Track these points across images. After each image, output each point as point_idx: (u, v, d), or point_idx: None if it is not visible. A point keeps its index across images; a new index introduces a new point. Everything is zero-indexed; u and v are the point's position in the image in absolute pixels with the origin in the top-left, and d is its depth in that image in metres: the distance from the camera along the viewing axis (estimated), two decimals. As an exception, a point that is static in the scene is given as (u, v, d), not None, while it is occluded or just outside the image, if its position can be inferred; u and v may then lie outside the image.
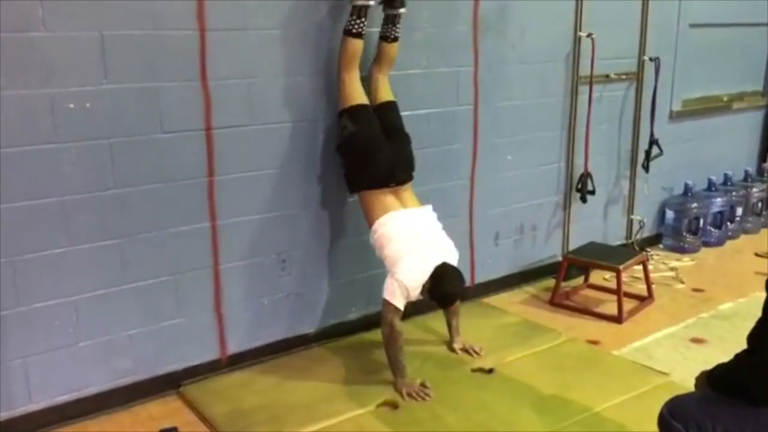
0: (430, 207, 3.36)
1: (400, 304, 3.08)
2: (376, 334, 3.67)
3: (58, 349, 2.88)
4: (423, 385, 3.13)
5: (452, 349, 3.49)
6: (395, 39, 3.38)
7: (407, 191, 3.34)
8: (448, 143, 3.89)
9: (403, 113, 3.55)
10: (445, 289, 3.11)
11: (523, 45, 4.08)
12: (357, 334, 3.70)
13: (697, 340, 3.74)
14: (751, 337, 1.98)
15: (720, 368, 2.05)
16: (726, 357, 3.54)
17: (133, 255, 2.99)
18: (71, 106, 2.73)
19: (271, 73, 3.20)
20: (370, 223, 3.27)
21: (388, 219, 3.21)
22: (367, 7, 3.23)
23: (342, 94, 3.30)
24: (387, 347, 3.15)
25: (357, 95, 3.28)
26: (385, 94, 3.40)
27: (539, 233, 4.51)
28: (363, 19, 3.23)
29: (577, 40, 4.32)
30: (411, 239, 3.14)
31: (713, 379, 2.05)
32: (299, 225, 3.44)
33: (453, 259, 3.19)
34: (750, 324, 3.93)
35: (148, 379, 3.13)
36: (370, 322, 3.74)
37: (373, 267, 3.73)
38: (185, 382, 3.21)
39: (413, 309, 3.89)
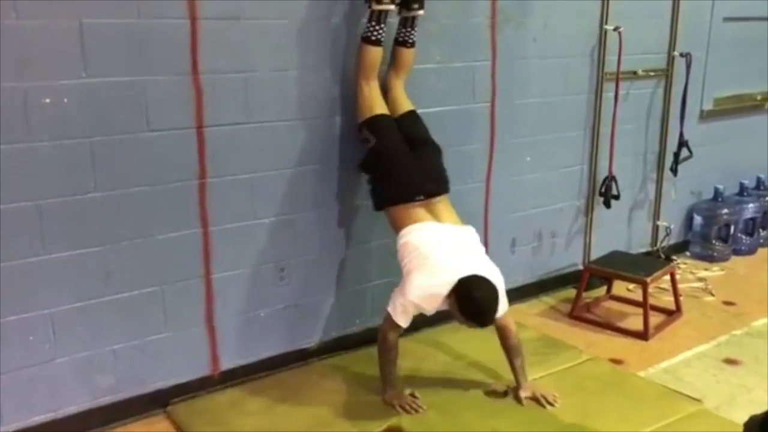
0: (471, 229, 3.05)
1: (402, 321, 2.84)
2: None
3: (32, 366, 2.64)
4: (413, 395, 2.96)
5: (517, 399, 2.97)
6: (413, 44, 3.15)
7: (443, 205, 3.04)
8: (463, 143, 3.62)
9: (414, 111, 3.30)
10: (472, 299, 2.68)
11: (544, 38, 3.79)
12: (361, 349, 3.43)
13: (730, 361, 3.44)
14: None
15: None
16: (761, 380, 3.31)
17: (117, 264, 2.75)
18: (47, 101, 2.49)
19: (269, 66, 2.94)
20: (396, 234, 3.02)
21: (414, 228, 2.94)
22: (387, 12, 2.99)
23: (360, 105, 3.08)
24: (378, 357, 2.96)
25: (377, 105, 3.07)
26: (405, 103, 3.18)
27: (559, 240, 4.23)
28: (383, 25, 3.00)
29: (603, 34, 4.02)
30: (434, 251, 2.84)
31: None
32: (299, 231, 3.18)
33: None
34: (788, 343, 3.65)
35: (132, 398, 2.89)
36: (374, 336, 3.46)
37: (378, 276, 3.49)
38: (173, 401, 2.97)
39: (422, 322, 3.66)
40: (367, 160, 3.10)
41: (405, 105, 3.17)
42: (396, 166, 3.02)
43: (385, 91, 3.16)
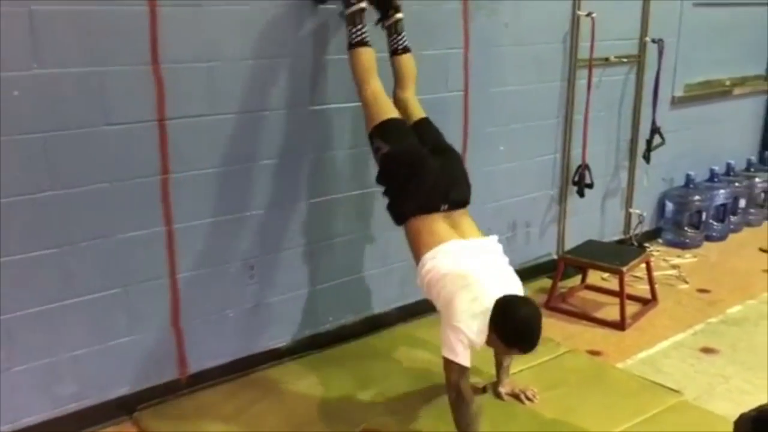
0: (495, 238, 2.72)
1: (465, 360, 2.41)
2: (355, 346, 3.37)
3: (-13, 376, 2.49)
4: None
5: (497, 394, 2.87)
6: (405, 49, 2.98)
7: (465, 218, 2.71)
8: None
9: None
10: (516, 323, 2.37)
11: (517, 25, 3.71)
12: (335, 346, 3.34)
13: (707, 350, 3.42)
14: None
15: None
16: (739, 369, 3.29)
17: (76, 266, 2.60)
18: (-5, 94, 2.33)
19: (234, 55, 2.81)
20: (418, 258, 2.64)
21: (440, 252, 2.55)
22: (361, 11, 2.82)
23: (368, 113, 2.81)
24: (455, 416, 2.48)
25: (385, 109, 2.78)
26: (417, 111, 2.93)
27: (533, 230, 4.17)
28: (362, 26, 2.82)
29: (575, 20, 3.95)
30: (469, 275, 2.45)
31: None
32: (268, 227, 3.06)
33: None
34: (763, 330, 3.66)
35: (96, 405, 2.75)
36: (348, 333, 3.42)
37: (351, 272, 3.40)
38: (140, 407, 2.85)
39: (397, 317, 3.59)
40: (382, 170, 2.76)
41: (418, 113, 2.92)
42: (417, 169, 2.67)
43: (396, 104, 2.90)
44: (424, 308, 3.62)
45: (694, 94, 4.95)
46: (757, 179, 5.29)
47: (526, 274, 4.13)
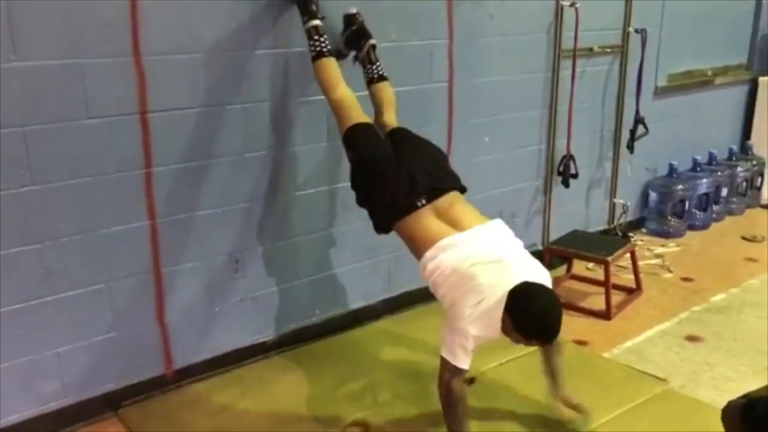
0: (498, 221, 2.55)
1: (463, 363, 2.31)
2: (342, 339, 3.36)
3: (-33, 375, 2.46)
4: None
5: (555, 407, 2.66)
6: (382, 77, 2.96)
7: (457, 207, 2.52)
8: (421, 125, 3.44)
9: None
10: (531, 313, 2.23)
11: (502, 15, 3.69)
12: (321, 340, 3.33)
13: (692, 338, 3.45)
14: None
15: (761, 405, 1.71)
16: (723, 357, 3.32)
17: (58, 261, 2.57)
18: (-28, 87, 2.28)
19: (217, 47, 2.77)
20: (418, 258, 2.50)
21: (438, 250, 2.41)
22: (317, 26, 2.79)
23: (338, 119, 2.75)
24: (444, 414, 2.42)
25: (351, 114, 2.69)
26: (392, 123, 2.86)
27: (518, 220, 4.17)
28: (323, 38, 2.79)
29: (559, 10, 3.94)
30: (473, 273, 2.30)
31: (755, 420, 1.70)
32: (253, 220, 3.04)
33: (541, 281, 2.34)
34: (746, 317, 3.69)
35: (81, 402, 2.73)
36: (336, 326, 3.41)
37: (337, 265, 3.38)
38: (125, 403, 2.82)
39: (383, 310, 3.58)
40: (352, 177, 2.70)
41: (392, 124, 2.86)
42: (375, 175, 2.57)
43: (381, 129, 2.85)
44: (410, 300, 3.65)
45: (677, 84, 4.97)
46: (738, 168, 5.33)
47: (511, 264, 4.17)
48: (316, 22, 2.80)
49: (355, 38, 2.98)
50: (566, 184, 4.19)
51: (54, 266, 2.56)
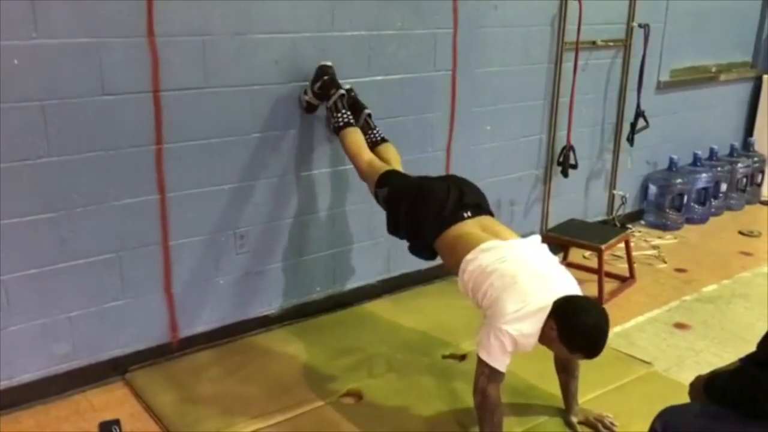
0: (537, 237, 2.56)
1: (501, 365, 2.26)
2: (341, 315, 3.49)
3: (-16, 334, 2.60)
4: None
5: (569, 424, 2.62)
6: (384, 140, 3.17)
7: (497, 224, 2.60)
8: (423, 112, 3.62)
9: (374, 78, 3.29)
10: (584, 325, 2.19)
11: (507, 6, 3.78)
12: (321, 315, 3.46)
13: (680, 325, 3.55)
14: (764, 345, 1.73)
15: (721, 378, 1.83)
16: (709, 344, 3.43)
17: (72, 230, 2.70)
18: (-4, 62, 2.41)
19: (228, 29, 2.89)
20: (457, 264, 2.47)
21: (479, 251, 2.40)
22: (342, 96, 3.05)
23: (369, 179, 2.94)
24: (480, 420, 2.37)
25: (380, 167, 2.93)
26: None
27: (517, 209, 4.28)
28: (345, 111, 3.06)
29: (563, 3, 4.03)
30: (515, 272, 2.29)
31: (713, 390, 1.83)
32: (258, 197, 3.16)
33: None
34: (735, 308, 3.78)
35: (90, 365, 2.86)
36: (335, 302, 3.53)
37: (339, 243, 3.50)
38: (132, 368, 2.96)
39: (382, 289, 3.70)
40: (389, 211, 2.79)
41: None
42: (422, 191, 2.68)
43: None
44: (408, 282, 3.77)
45: (680, 80, 5.05)
46: (738, 164, 5.40)
47: (509, 251, 4.28)
48: (342, 91, 3.05)
49: (355, 107, 3.16)
50: (565, 174, 4.28)
51: (67, 235, 2.70)
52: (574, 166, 4.29)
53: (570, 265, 4.19)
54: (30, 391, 2.72)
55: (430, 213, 2.61)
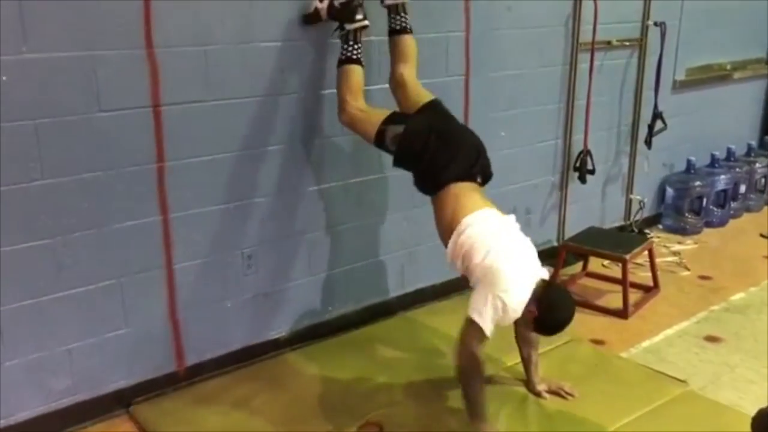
0: (513, 217, 2.63)
1: (489, 330, 2.35)
2: (355, 336, 3.32)
3: (-22, 371, 2.43)
4: None
5: (536, 393, 2.77)
6: (404, 30, 2.88)
7: (488, 200, 2.64)
8: None
9: (384, 86, 3.11)
10: (558, 314, 2.41)
11: (520, 7, 3.62)
12: (335, 336, 3.29)
13: (711, 338, 3.38)
14: None
15: None
16: (743, 358, 3.25)
17: (69, 257, 2.53)
18: (-16, 79, 2.24)
19: (231, 39, 2.72)
20: (454, 223, 2.51)
21: (478, 218, 2.48)
22: (362, 29, 2.76)
23: (364, 126, 2.73)
24: (464, 383, 2.45)
25: (381, 113, 2.71)
26: (423, 94, 2.81)
27: (533, 217, 4.11)
28: (359, 45, 2.77)
29: (578, 2, 3.87)
30: (510, 246, 2.44)
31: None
32: (266, 215, 2.99)
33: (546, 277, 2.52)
34: (766, 317, 3.62)
35: (91, 399, 2.69)
36: (349, 322, 3.37)
37: (351, 260, 3.34)
38: (137, 400, 2.79)
39: (397, 305, 3.54)
40: (403, 149, 2.63)
41: (424, 95, 2.80)
42: (446, 138, 2.60)
43: (397, 87, 2.86)
44: (423, 297, 3.61)
45: (695, 78, 4.88)
46: (757, 164, 5.24)
47: (526, 261, 4.11)
48: (365, 22, 2.76)
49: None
50: (583, 180, 4.12)
51: (65, 262, 2.53)
52: (592, 172, 4.12)
53: (590, 275, 4.05)
54: (28, 430, 2.55)
55: (450, 161, 2.59)
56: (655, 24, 4.29)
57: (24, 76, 2.31)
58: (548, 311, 2.37)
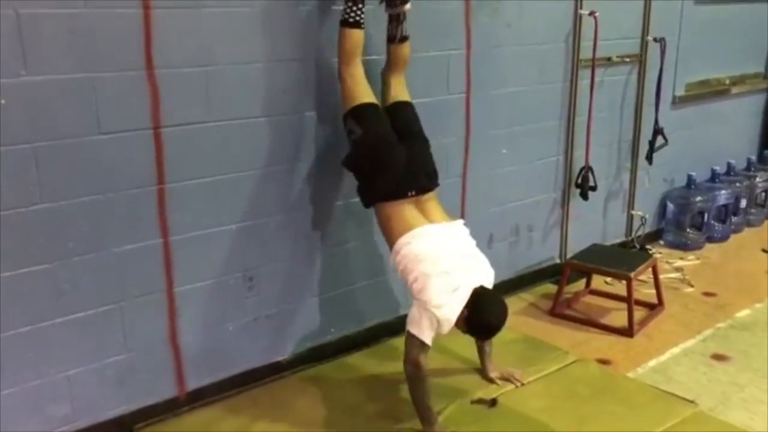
0: (461, 222, 2.86)
1: (428, 339, 2.58)
2: (358, 358, 3.28)
3: (-24, 400, 2.37)
4: None
5: (489, 379, 3.02)
6: (403, 39, 2.92)
7: (431, 203, 2.82)
8: (438, 137, 3.37)
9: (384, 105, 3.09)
10: (486, 319, 2.63)
11: (520, 24, 3.61)
12: (337, 358, 3.24)
13: (719, 357, 3.34)
14: None
15: None
16: (752, 377, 3.21)
17: (69, 281, 2.48)
18: (-18, 103, 2.20)
19: (231, 59, 2.69)
20: (391, 243, 2.76)
21: (412, 237, 2.68)
22: None
23: (345, 94, 2.82)
24: (411, 390, 2.66)
25: (362, 93, 2.80)
26: (399, 93, 2.96)
27: (535, 234, 4.08)
28: (361, 6, 2.75)
29: (578, 19, 3.86)
30: (441, 260, 2.62)
31: None
32: (268, 237, 2.95)
33: (489, 281, 2.71)
34: (773, 334, 3.56)
35: (91, 426, 2.64)
36: (351, 343, 3.32)
37: (354, 281, 3.29)
38: (138, 427, 2.73)
39: (400, 326, 3.46)
40: (353, 154, 2.83)
41: (400, 95, 2.95)
42: (386, 157, 2.76)
43: (384, 85, 2.98)
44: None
45: (694, 93, 4.87)
46: (757, 179, 5.23)
47: (528, 279, 4.10)
48: None
49: None
50: (585, 197, 4.09)
51: (64, 287, 2.48)
52: (594, 188, 4.09)
53: (593, 293, 4.02)
54: (26, 459, 2.49)
55: (382, 182, 2.76)
56: (655, 40, 4.28)
57: (23, 99, 2.27)
58: (477, 314, 2.57)
